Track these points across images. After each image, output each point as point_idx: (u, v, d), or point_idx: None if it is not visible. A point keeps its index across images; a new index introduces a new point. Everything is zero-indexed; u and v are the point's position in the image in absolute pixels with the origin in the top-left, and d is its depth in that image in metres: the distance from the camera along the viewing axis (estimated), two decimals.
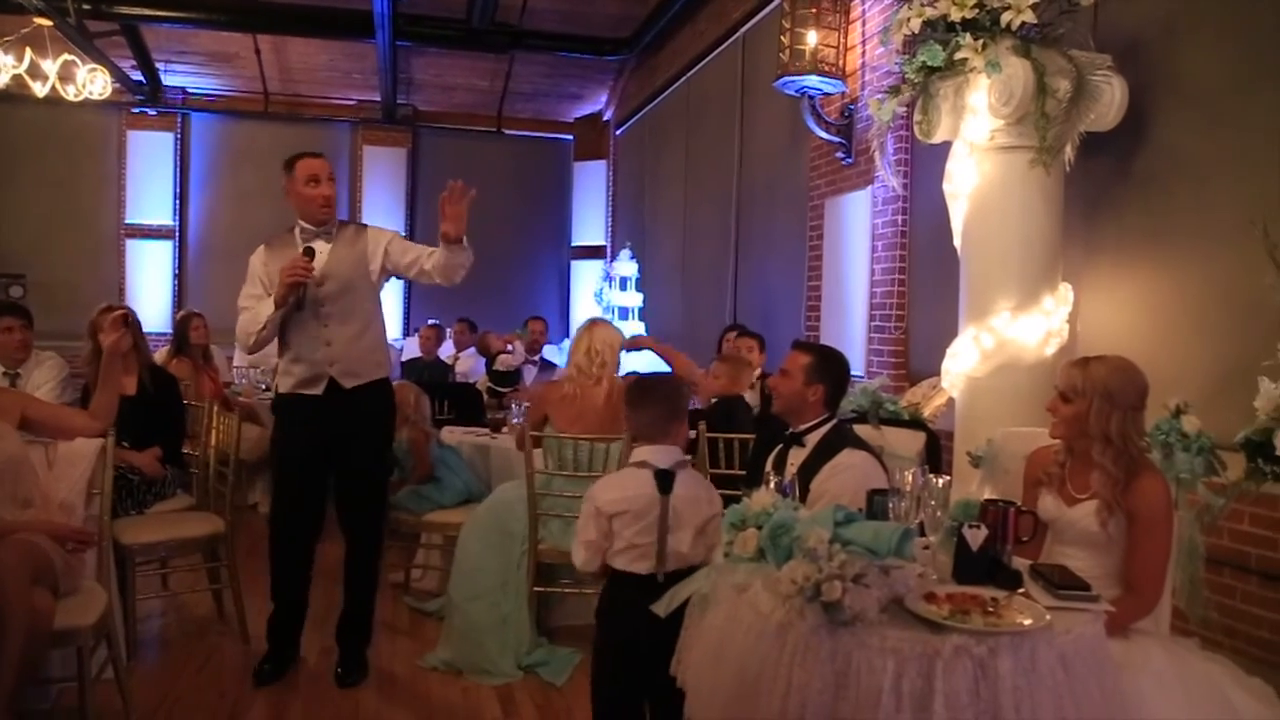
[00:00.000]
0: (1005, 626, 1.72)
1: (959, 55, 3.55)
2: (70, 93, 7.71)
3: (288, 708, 3.24)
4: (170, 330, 9.53)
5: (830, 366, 2.80)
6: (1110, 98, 3.53)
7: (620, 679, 2.46)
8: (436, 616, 4.10)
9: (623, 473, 2.67)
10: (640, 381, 2.79)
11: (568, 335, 10.61)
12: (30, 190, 10.16)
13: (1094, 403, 2.32)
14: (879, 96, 4.13)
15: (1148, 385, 2.37)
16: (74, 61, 7.56)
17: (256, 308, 3.36)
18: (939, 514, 2.08)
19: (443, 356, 6.90)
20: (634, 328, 8.48)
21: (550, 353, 7.92)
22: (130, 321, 3.27)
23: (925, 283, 5.31)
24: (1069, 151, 3.46)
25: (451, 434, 4.71)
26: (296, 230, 3.46)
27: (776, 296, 7.08)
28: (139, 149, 10.41)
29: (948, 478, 2.10)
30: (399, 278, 3.61)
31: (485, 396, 5.92)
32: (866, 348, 5.76)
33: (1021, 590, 1.94)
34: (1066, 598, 1.90)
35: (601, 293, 8.82)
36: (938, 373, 3.94)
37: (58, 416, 3.04)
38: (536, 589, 3.73)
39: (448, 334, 7.56)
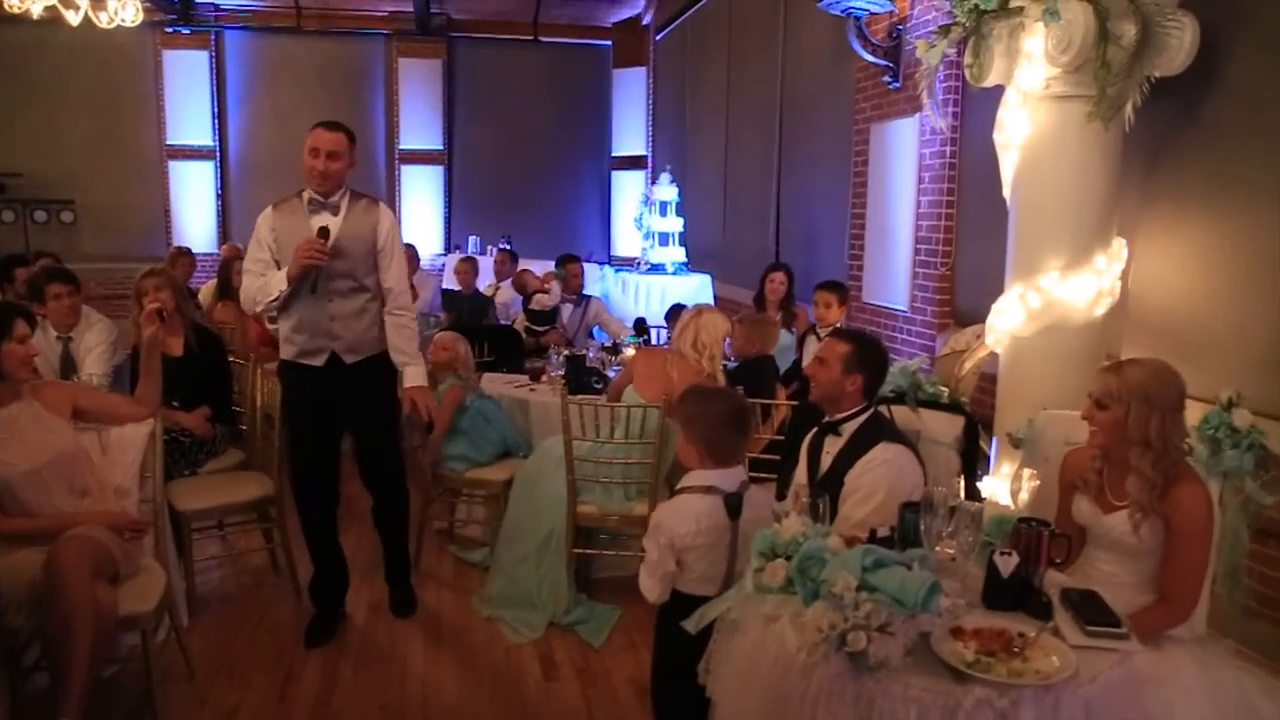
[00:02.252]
0: (1029, 677, 1.73)
1: (1014, 2, 3.33)
2: (103, 20, 7.62)
3: (340, 667, 3.40)
4: (216, 250, 9.69)
5: (869, 356, 2.72)
6: (1179, 43, 3.29)
7: (679, 688, 2.37)
8: (481, 567, 4.23)
9: (690, 500, 2.45)
10: (706, 397, 2.58)
11: (609, 260, 10.52)
12: (72, 116, 10.23)
13: (1132, 406, 2.26)
14: (929, 36, 3.92)
15: (1185, 387, 2.31)
16: None
17: (265, 277, 3.35)
18: (972, 539, 2.06)
19: (481, 288, 6.89)
20: (674, 254, 8.37)
21: (591, 275, 7.83)
22: (165, 302, 3.32)
23: (974, 219, 5.13)
24: (1130, 109, 3.26)
25: (491, 383, 4.74)
26: (305, 196, 3.41)
27: (819, 224, 6.92)
28: (175, 69, 10.36)
29: (980, 505, 2.07)
30: None
31: (524, 335, 5.93)
32: (911, 283, 5.64)
33: (1051, 624, 1.93)
34: (1096, 635, 1.89)
35: (641, 218, 8.69)
36: (985, 314, 3.85)
37: (107, 405, 3.14)
38: (576, 550, 3.81)
39: (481, 265, 7.51)
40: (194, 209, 10.58)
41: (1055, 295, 3.53)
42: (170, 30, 10.21)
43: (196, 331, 4.23)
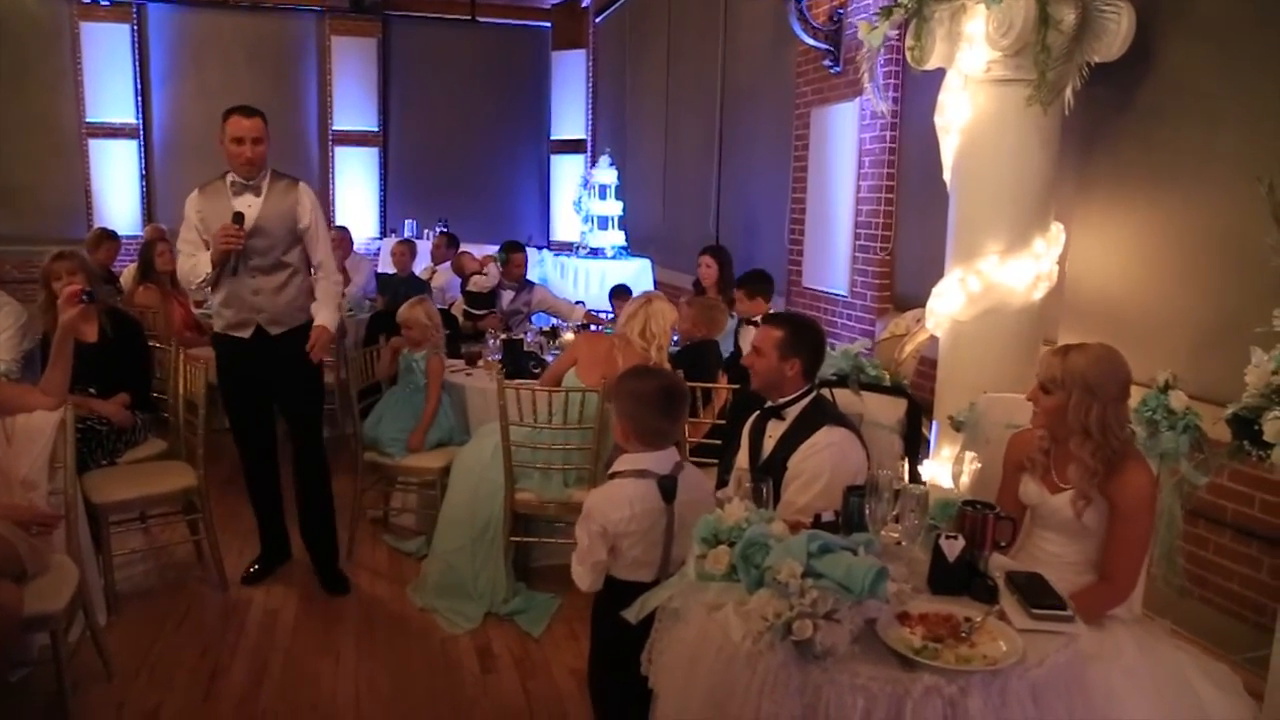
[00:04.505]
0: (977, 663, 1.70)
1: None
2: None
3: (269, 663, 3.27)
4: (140, 232, 9.31)
5: (805, 337, 2.68)
6: (1117, 28, 3.31)
7: (618, 678, 2.34)
8: (416, 557, 4.11)
9: (622, 485, 2.38)
10: (637, 375, 2.50)
11: (548, 244, 10.38)
12: None
13: (1073, 395, 2.25)
14: (870, 18, 3.89)
15: (1130, 374, 2.30)
16: None
17: (195, 258, 3.58)
18: (917, 522, 2.04)
19: (416, 271, 6.72)
20: (614, 238, 8.28)
21: (530, 259, 7.70)
22: (83, 288, 3.13)
23: (915, 203, 5.14)
24: (1069, 93, 3.27)
25: None
26: (228, 180, 3.57)
27: (760, 208, 6.89)
28: (94, 43, 9.87)
29: (925, 488, 2.04)
30: None
31: (461, 319, 5.80)
32: (851, 267, 5.64)
33: (997, 607, 1.91)
34: (1041, 618, 1.87)
35: (580, 201, 8.57)
36: (924, 299, 3.85)
37: (9, 395, 2.95)
38: (514, 539, 3.72)
39: (419, 248, 7.34)
40: (116, 189, 10.13)
41: (994, 279, 3.54)
42: (88, 2, 9.74)
43: (112, 316, 4.03)
